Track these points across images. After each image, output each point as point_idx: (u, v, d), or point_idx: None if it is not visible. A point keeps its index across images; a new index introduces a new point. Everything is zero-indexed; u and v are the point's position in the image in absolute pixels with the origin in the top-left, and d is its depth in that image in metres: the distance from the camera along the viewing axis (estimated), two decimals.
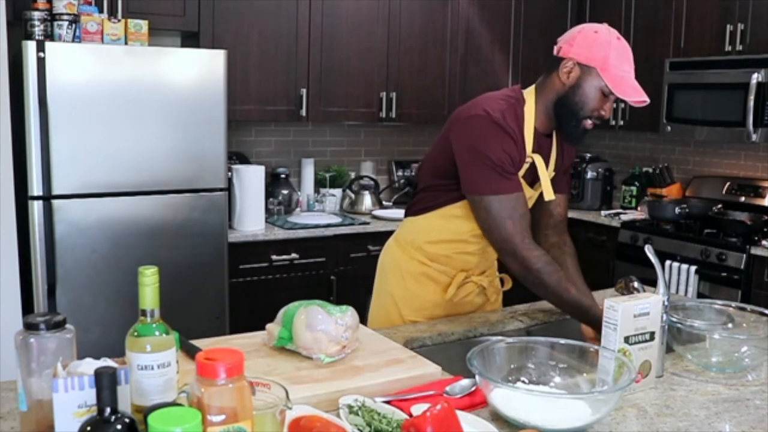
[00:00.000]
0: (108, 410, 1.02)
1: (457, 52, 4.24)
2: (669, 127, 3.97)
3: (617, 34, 1.86)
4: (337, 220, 3.83)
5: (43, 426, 1.13)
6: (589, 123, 1.89)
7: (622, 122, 4.22)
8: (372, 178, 4.33)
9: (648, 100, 1.84)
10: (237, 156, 3.88)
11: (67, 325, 1.17)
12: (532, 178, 1.97)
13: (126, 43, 3.00)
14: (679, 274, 3.60)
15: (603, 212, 4.28)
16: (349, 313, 1.58)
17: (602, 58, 1.82)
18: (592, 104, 1.86)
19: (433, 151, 2.05)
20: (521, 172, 1.94)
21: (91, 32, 2.94)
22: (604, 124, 1.94)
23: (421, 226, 2.08)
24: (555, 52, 1.91)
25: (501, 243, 1.89)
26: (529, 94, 1.95)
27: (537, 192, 2.02)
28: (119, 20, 2.99)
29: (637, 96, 1.82)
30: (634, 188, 4.46)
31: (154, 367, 1.17)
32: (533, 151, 1.93)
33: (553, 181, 2.03)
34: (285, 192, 4.00)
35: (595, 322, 1.81)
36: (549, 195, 1.96)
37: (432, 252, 2.07)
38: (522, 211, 1.89)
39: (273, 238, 3.52)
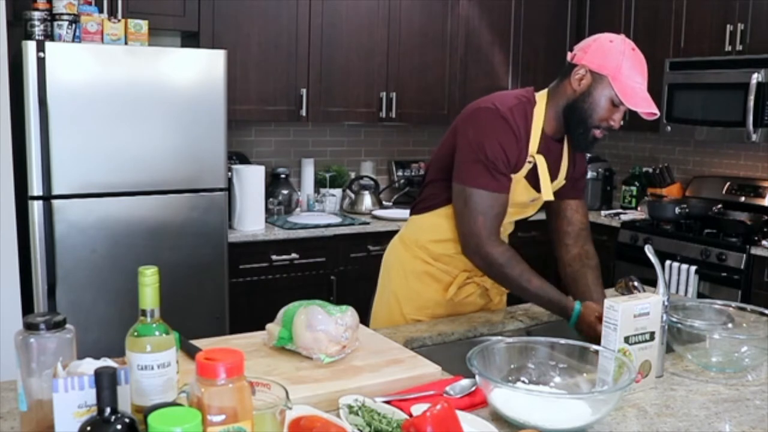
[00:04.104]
0: (108, 410, 1.02)
1: (457, 52, 4.24)
2: (669, 127, 3.97)
3: (633, 45, 1.85)
4: (337, 220, 3.83)
5: (43, 426, 1.13)
6: (597, 132, 1.89)
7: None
8: (372, 178, 4.33)
9: (658, 113, 1.83)
10: (237, 156, 3.88)
11: (67, 325, 1.17)
12: (536, 180, 1.96)
13: (126, 43, 3.00)
14: (679, 274, 3.60)
15: (603, 212, 4.29)
16: (349, 313, 1.58)
17: (614, 67, 1.81)
18: (601, 113, 1.86)
19: (441, 147, 2.06)
20: (523, 173, 1.94)
21: (91, 32, 2.94)
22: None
23: (426, 224, 2.09)
24: (569, 58, 1.91)
25: (467, 236, 1.91)
26: (541, 97, 1.96)
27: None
28: (119, 20, 2.99)
29: (647, 108, 1.82)
30: (634, 188, 4.46)
31: (154, 367, 1.17)
32: (538, 152, 1.93)
33: (566, 188, 2.04)
34: (285, 192, 4.00)
35: (561, 312, 1.85)
36: (548, 195, 1.96)
37: (435, 251, 2.07)
38: (497, 212, 1.90)
39: (273, 238, 3.52)
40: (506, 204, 1.93)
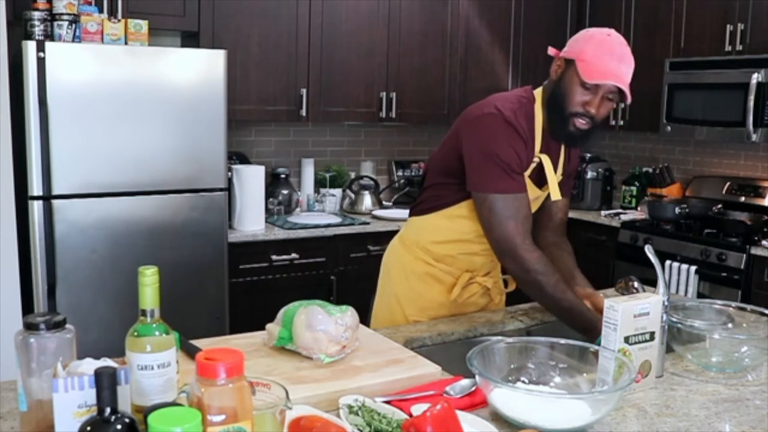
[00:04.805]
0: (108, 410, 1.02)
1: (457, 52, 4.24)
2: (669, 127, 3.97)
3: (609, 31, 1.84)
4: (337, 220, 3.83)
5: (43, 426, 1.13)
6: (579, 121, 1.85)
7: (622, 122, 4.22)
8: (372, 178, 4.33)
9: (624, 87, 1.78)
10: (237, 156, 3.88)
11: (67, 325, 1.17)
12: (539, 178, 1.96)
13: (126, 43, 3.00)
14: (679, 274, 3.59)
15: (603, 212, 4.28)
16: (349, 313, 1.58)
17: (579, 49, 1.82)
18: (574, 97, 1.83)
19: (442, 149, 2.04)
20: (528, 172, 1.94)
21: (91, 32, 2.94)
22: (604, 123, 1.92)
23: (426, 226, 2.08)
24: (552, 53, 1.93)
25: (501, 243, 1.88)
26: (538, 94, 1.96)
27: (544, 193, 2.02)
28: (119, 20, 2.99)
29: (603, 79, 1.77)
30: (634, 188, 4.46)
31: (154, 367, 1.17)
32: (541, 152, 1.93)
33: (560, 185, 2.04)
34: (285, 192, 4.00)
35: (591, 326, 1.80)
36: (556, 195, 1.96)
37: (437, 252, 2.07)
38: (525, 213, 1.89)
39: (273, 238, 3.52)
40: (529, 203, 1.92)
